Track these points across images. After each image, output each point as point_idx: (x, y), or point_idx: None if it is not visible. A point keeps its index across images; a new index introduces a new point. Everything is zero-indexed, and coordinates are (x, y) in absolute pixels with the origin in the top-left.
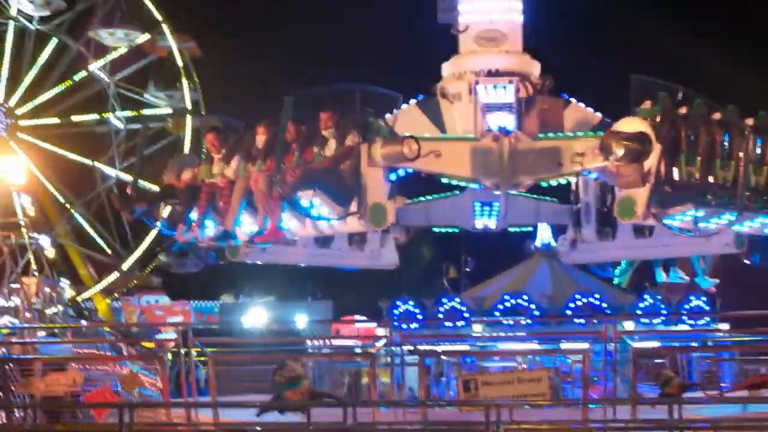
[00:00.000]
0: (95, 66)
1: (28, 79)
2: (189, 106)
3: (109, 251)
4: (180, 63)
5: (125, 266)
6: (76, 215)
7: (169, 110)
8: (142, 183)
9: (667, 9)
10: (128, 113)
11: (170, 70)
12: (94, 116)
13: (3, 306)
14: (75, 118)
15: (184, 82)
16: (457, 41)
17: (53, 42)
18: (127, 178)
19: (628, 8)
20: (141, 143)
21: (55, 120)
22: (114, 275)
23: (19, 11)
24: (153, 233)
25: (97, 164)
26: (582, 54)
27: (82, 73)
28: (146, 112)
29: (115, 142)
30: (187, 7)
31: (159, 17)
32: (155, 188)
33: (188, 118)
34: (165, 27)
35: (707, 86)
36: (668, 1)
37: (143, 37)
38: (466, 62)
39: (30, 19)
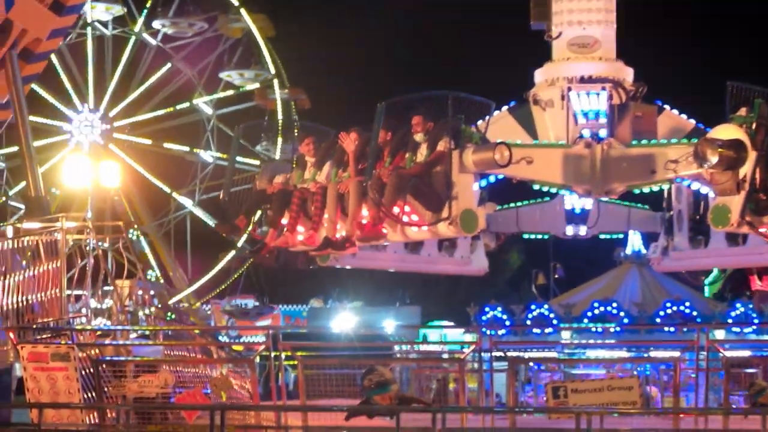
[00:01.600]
0: (201, 100)
1: (114, 82)
2: (273, 71)
3: (161, 280)
4: (281, 117)
5: (240, 243)
6: (142, 238)
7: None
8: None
9: (765, 15)
10: (219, 154)
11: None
12: (186, 148)
13: (97, 308)
14: (167, 145)
15: (279, 141)
16: (550, 48)
17: (167, 65)
18: (201, 213)
19: (723, 15)
20: (233, 149)
21: (148, 141)
22: (231, 254)
23: (146, 26)
24: (215, 270)
25: (174, 195)
26: (677, 60)
27: (185, 104)
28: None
29: (199, 176)
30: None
31: (273, 70)
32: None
33: (275, 84)
34: (276, 82)
35: None
36: (765, 8)
37: (254, 84)
38: (559, 69)
39: (105, 24)
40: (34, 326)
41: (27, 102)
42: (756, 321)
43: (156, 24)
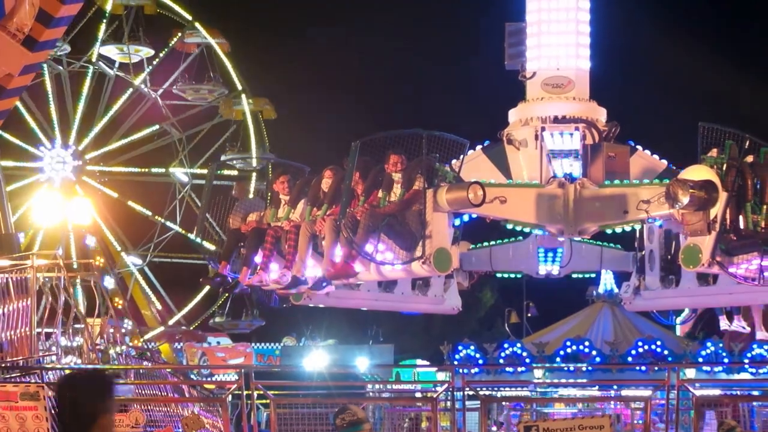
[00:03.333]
0: (178, 170)
1: (101, 125)
2: (239, 86)
3: (158, 305)
4: (252, 128)
5: (171, 321)
6: (130, 264)
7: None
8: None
9: (735, 57)
10: (181, 229)
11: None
12: (149, 213)
13: (67, 346)
14: (131, 203)
15: (230, 69)
16: (524, 87)
17: (129, 91)
18: (143, 276)
19: (695, 56)
20: (207, 191)
21: (122, 169)
22: (158, 329)
23: (101, 56)
24: (204, 290)
25: (157, 218)
26: (649, 101)
27: (161, 169)
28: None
29: (178, 196)
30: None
31: (254, 163)
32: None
33: (243, 97)
34: (254, 175)
35: None
36: (735, 50)
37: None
38: (533, 108)
39: (111, 65)
40: (3, 365)
41: None
42: (726, 360)
43: (176, 89)
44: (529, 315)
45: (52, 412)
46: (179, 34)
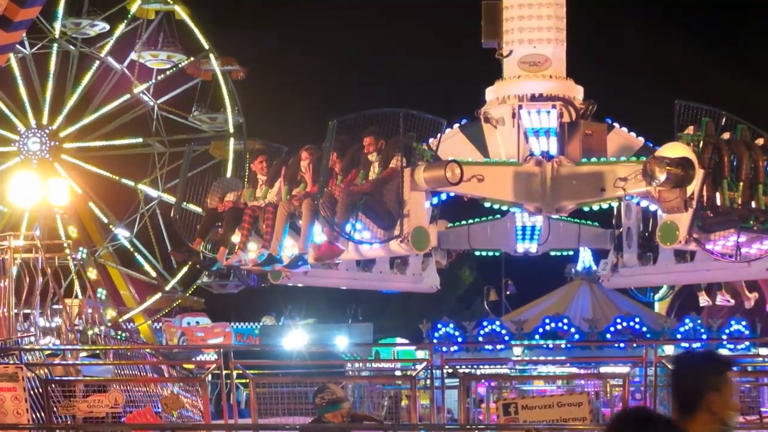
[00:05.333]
0: (145, 187)
1: (71, 102)
2: (231, 129)
3: (153, 272)
4: (224, 87)
5: (168, 287)
6: (120, 237)
7: (211, 133)
8: (186, 206)
9: (712, 35)
10: (172, 137)
11: (215, 94)
12: (138, 140)
13: (45, 327)
14: (118, 141)
15: (228, 105)
16: (501, 66)
17: (96, 64)
18: (170, 199)
19: (672, 34)
20: (184, 166)
21: (99, 143)
22: (157, 296)
23: (63, 33)
24: (138, 309)
25: (140, 186)
26: (626, 79)
27: (131, 183)
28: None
29: (158, 164)
30: (230, 32)
31: (206, 45)
32: (197, 209)
33: (230, 141)
34: (211, 55)
35: (751, 111)
36: (713, 28)
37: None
38: (510, 87)
39: (74, 41)
40: None
41: None
42: (705, 336)
43: (192, 118)
44: (508, 293)
45: (31, 393)
46: (191, 59)
